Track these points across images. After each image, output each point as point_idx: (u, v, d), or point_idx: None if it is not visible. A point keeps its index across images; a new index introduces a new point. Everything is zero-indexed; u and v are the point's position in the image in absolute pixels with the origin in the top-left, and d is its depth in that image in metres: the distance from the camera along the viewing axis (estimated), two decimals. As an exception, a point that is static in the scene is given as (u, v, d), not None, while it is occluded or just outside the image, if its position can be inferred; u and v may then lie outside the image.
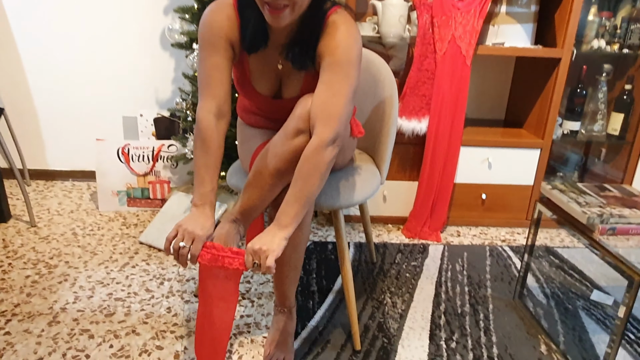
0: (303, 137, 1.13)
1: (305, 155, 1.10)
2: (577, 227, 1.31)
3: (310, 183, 1.12)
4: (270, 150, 1.17)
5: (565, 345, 1.42)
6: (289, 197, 1.11)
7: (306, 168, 1.10)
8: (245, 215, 1.21)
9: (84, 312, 1.50)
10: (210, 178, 1.16)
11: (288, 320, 1.35)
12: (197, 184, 1.17)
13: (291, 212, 1.11)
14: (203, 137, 1.17)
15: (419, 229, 2.07)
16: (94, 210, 2.20)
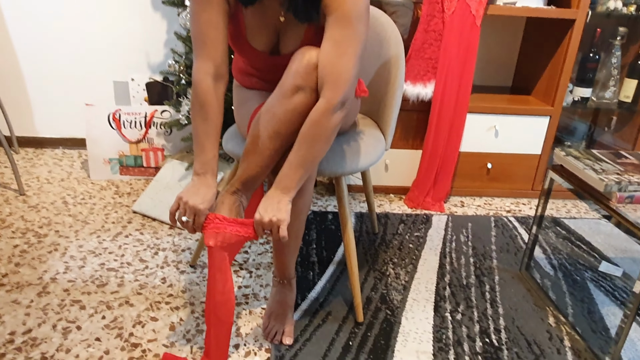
0: (302, 95, 1.05)
1: (312, 119, 1.04)
2: (593, 195, 1.24)
3: (316, 148, 1.06)
4: (268, 112, 1.08)
5: (574, 317, 1.38)
6: (292, 160, 1.06)
7: (312, 132, 1.04)
8: (247, 185, 1.13)
9: (75, 282, 1.44)
10: (211, 145, 1.10)
11: (287, 291, 1.29)
12: (198, 152, 1.11)
13: (295, 176, 1.06)
14: (201, 102, 1.10)
15: (422, 199, 2.01)
16: (85, 179, 2.12)
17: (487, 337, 1.29)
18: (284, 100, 1.06)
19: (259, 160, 1.11)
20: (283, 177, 1.06)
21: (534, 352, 1.25)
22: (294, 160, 1.05)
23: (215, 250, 1.06)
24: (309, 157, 1.06)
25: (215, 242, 1.05)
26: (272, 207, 1.04)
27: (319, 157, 1.08)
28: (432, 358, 1.21)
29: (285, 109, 1.06)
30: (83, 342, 1.22)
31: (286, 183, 1.06)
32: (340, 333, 1.27)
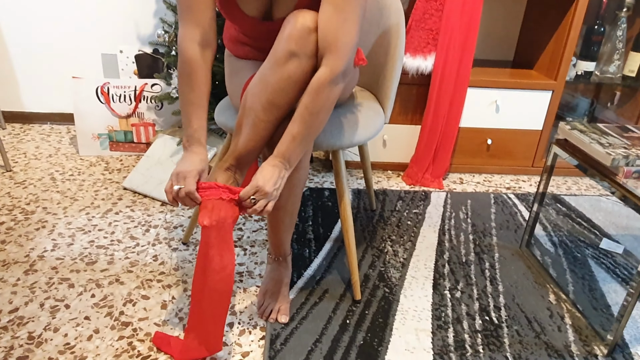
0: (296, 62, 0.99)
1: (314, 89, 0.98)
2: (599, 170, 1.20)
3: (319, 120, 1.01)
4: (260, 81, 1.02)
5: (575, 295, 1.36)
6: (294, 132, 1.00)
7: (314, 103, 0.99)
8: (241, 160, 1.07)
9: (63, 260, 1.39)
10: (198, 116, 1.06)
11: (283, 269, 1.25)
12: (185, 124, 1.06)
13: (297, 148, 1.02)
14: (188, 70, 1.04)
15: (421, 175, 1.97)
16: (74, 155, 2.05)
17: (487, 314, 1.26)
18: (277, 68, 1.00)
19: (253, 133, 1.05)
20: (284, 149, 1.01)
21: (535, 329, 1.22)
22: (295, 132, 1.00)
23: (210, 230, 1.01)
24: (311, 130, 1.01)
25: (210, 221, 1.00)
26: (275, 178, 1.01)
27: (319, 130, 1.03)
28: (431, 336, 1.18)
29: (279, 77, 1.00)
30: (72, 321, 1.18)
31: (287, 155, 1.01)
32: (337, 311, 1.24)
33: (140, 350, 1.10)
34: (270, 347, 1.12)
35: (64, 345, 1.11)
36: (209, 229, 1.00)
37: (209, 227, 1.00)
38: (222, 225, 1.01)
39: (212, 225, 1.00)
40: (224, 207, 1.01)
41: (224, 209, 1.01)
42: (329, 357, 1.10)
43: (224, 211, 1.01)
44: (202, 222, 1.00)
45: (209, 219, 1.00)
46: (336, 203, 1.77)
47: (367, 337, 1.16)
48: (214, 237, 1.01)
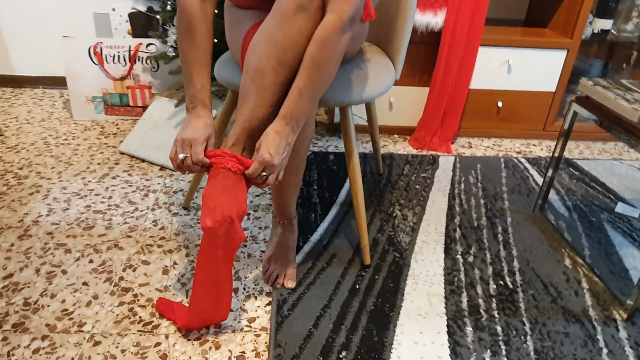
0: (304, 15, 0.90)
1: (320, 39, 0.89)
2: (623, 127, 1.13)
3: (327, 73, 0.92)
4: (267, 39, 0.92)
5: (591, 259, 1.31)
6: (301, 87, 0.91)
7: (322, 54, 0.90)
8: (251, 133, 0.95)
9: (59, 225, 1.34)
10: (200, 74, 0.98)
11: (288, 232, 1.20)
12: (186, 84, 0.98)
13: (305, 106, 0.93)
14: (187, 24, 0.96)
15: (428, 139, 1.90)
16: (67, 119, 1.97)
17: (501, 279, 1.22)
18: (284, 24, 0.91)
19: (263, 99, 0.94)
20: (290, 107, 0.92)
21: (551, 294, 1.18)
22: (302, 87, 0.91)
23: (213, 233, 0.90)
24: (318, 84, 0.92)
25: (214, 221, 0.89)
26: (283, 146, 0.92)
27: (327, 84, 0.95)
28: (444, 301, 1.13)
29: (289, 33, 0.91)
30: (69, 287, 1.13)
31: (295, 114, 0.92)
32: (346, 276, 1.19)
33: (142, 317, 1.06)
34: (277, 313, 1.07)
35: (61, 312, 1.06)
36: (212, 231, 0.90)
37: (213, 230, 0.90)
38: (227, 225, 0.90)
39: (216, 227, 0.90)
40: (229, 195, 0.91)
41: (229, 200, 0.91)
42: (339, 323, 1.05)
43: (229, 204, 0.90)
44: (204, 224, 0.89)
45: (212, 219, 0.89)
46: (342, 167, 1.70)
47: (377, 303, 1.12)
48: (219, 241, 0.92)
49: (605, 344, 1.05)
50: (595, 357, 1.01)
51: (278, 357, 0.96)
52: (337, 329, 1.04)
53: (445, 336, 1.04)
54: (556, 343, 1.04)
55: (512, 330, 1.07)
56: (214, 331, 1.03)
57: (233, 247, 0.94)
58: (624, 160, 1.90)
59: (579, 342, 1.05)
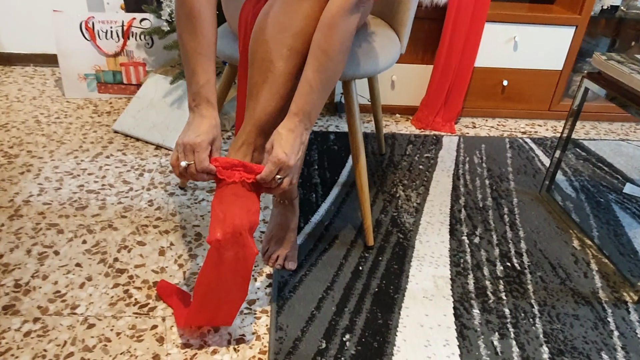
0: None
1: (327, 23, 0.82)
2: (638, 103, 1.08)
3: (337, 61, 0.85)
4: (273, 24, 0.85)
5: (600, 240, 1.27)
6: (308, 81, 0.84)
7: (330, 40, 0.83)
8: (262, 130, 0.88)
9: (51, 205, 1.29)
10: (204, 67, 0.87)
11: (289, 213, 1.15)
12: (189, 79, 0.88)
13: (318, 100, 0.85)
14: (188, 11, 0.86)
15: (431, 119, 1.85)
16: (59, 97, 1.91)
17: (508, 260, 1.18)
18: (290, 7, 0.85)
19: (274, 91, 0.87)
20: (302, 103, 0.84)
21: (560, 275, 1.15)
22: (312, 80, 0.84)
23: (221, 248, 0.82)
24: (329, 74, 0.85)
25: (224, 233, 0.82)
26: (297, 145, 0.84)
27: (338, 73, 0.87)
28: (450, 283, 1.10)
29: (296, 16, 0.84)
30: (62, 268, 1.08)
31: (307, 110, 0.84)
32: (348, 258, 1.15)
33: (138, 299, 1.02)
34: (278, 295, 1.03)
35: (53, 293, 1.02)
36: (220, 244, 0.83)
37: (221, 243, 0.82)
38: (237, 237, 0.83)
39: (226, 240, 0.82)
40: (239, 205, 0.84)
41: (240, 211, 0.84)
42: (342, 305, 1.02)
43: (240, 215, 0.83)
44: (213, 236, 0.82)
45: (222, 231, 0.82)
46: (343, 147, 1.65)
47: (381, 285, 1.08)
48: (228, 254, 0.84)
49: (617, 327, 1.02)
50: (606, 339, 0.99)
51: (279, 340, 0.93)
52: (341, 312, 1.00)
53: (452, 319, 1.01)
54: (566, 325, 1.01)
55: (521, 313, 1.03)
56: (212, 314, 0.99)
57: (246, 264, 0.86)
58: (631, 141, 1.86)
59: (589, 325, 1.02)
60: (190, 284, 1.06)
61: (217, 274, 0.85)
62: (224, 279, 0.86)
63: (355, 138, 1.11)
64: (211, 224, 0.84)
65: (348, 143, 1.68)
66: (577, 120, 1.32)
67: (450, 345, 0.95)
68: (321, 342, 0.93)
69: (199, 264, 1.12)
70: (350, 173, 1.50)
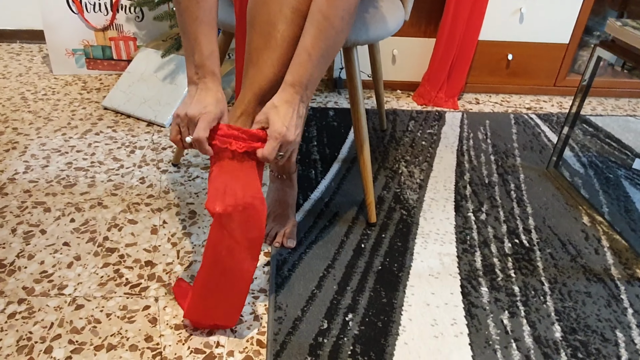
0: None
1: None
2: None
3: (339, 28, 0.78)
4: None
5: (611, 216, 1.23)
6: (306, 48, 0.77)
7: (332, 4, 0.75)
8: (264, 98, 0.81)
9: (37, 183, 1.23)
10: (208, 37, 0.78)
11: (288, 188, 1.10)
12: (189, 50, 0.79)
13: (314, 71, 0.78)
14: None
15: (434, 94, 1.78)
16: (47, 74, 1.83)
17: (517, 237, 1.14)
18: None
19: (277, 58, 0.80)
20: (299, 72, 0.78)
21: (570, 252, 1.10)
22: (311, 48, 0.77)
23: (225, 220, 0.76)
24: (329, 42, 0.78)
25: (225, 205, 0.76)
26: (294, 119, 0.78)
27: (341, 41, 0.80)
28: (456, 260, 1.05)
29: None
30: (49, 248, 1.03)
31: (304, 81, 0.78)
32: (350, 235, 1.10)
33: (129, 278, 0.97)
34: (276, 274, 0.98)
35: (40, 274, 0.96)
36: (222, 217, 0.77)
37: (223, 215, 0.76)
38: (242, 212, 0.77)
39: (228, 212, 0.76)
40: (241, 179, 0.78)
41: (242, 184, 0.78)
42: (344, 284, 0.97)
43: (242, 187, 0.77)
44: (212, 209, 0.76)
45: (222, 203, 0.76)
46: (343, 123, 1.59)
47: (385, 263, 1.03)
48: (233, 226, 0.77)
49: (630, 304, 0.98)
50: (620, 317, 0.94)
51: (279, 320, 0.88)
52: (342, 290, 0.96)
53: (459, 297, 0.96)
54: (578, 303, 0.97)
55: (531, 290, 0.99)
56: (208, 293, 0.94)
57: (255, 238, 0.79)
58: (638, 117, 1.80)
59: (602, 302, 0.97)
60: (184, 263, 1.01)
61: (220, 251, 0.79)
62: (226, 255, 0.79)
63: (357, 109, 1.05)
64: (209, 197, 0.77)
65: (348, 119, 1.62)
66: (588, 92, 1.26)
67: (458, 324, 0.90)
68: (322, 322, 0.89)
69: (193, 242, 1.07)
70: (351, 149, 1.44)
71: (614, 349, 0.88)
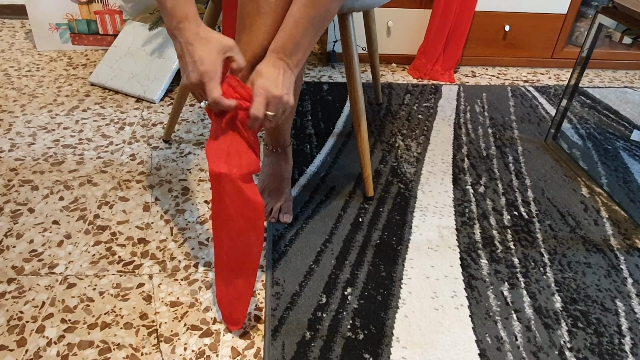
0: None
1: None
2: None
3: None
4: None
5: (609, 187, 1.22)
6: (294, 15, 0.74)
7: None
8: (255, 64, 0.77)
9: (23, 161, 1.19)
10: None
11: (283, 162, 1.07)
12: (161, 2, 0.72)
13: (302, 38, 0.75)
14: None
15: (430, 67, 1.75)
16: (30, 50, 1.77)
17: (516, 209, 1.12)
18: None
19: (271, 24, 0.77)
20: (284, 39, 0.75)
21: (569, 223, 1.09)
22: (298, 15, 0.74)
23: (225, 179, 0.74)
24: (320, 9, 0.75)
25: (230, 167, 0.73)
26: (280, 79, 0.75)
27: (331, 10, 0.76)
28: (455, 233, 1.04)
29: None
30: (37, 226, 1.00)
31: (289, 48, 0.75)
32: (347, 209, 1.08)
33: (122, 256, 0.94)
34: (273, 249, 0.96)
35: (29, 253, 0.94)
36: (220, 178, 0.74)
37: (224, 176, 0.74)
38: (245, 170, 0.75)
39: (233, 173, 0.74)
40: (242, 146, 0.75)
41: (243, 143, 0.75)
42: (342, 258, 0.95)
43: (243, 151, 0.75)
44: (216, 170, 0.73)
45: (226, 163, 0.74)
46: (337, 97, 1.56)
47: (383, 236, 1.01)
48: (230, 186, 0.75)
49: (630, 274, 0.97)
50: (620, 287, 0.94)
51: (276, 296, 0.87)
52: (341, 265, 0.94)
53: (459, 269, 0.95)
54: (578, 274, 0.96)
55: (530, 262, 0.98)
56: (202, 270, 0.92)
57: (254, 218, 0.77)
58: (636, 88, 1.78)
59: (601, 273, 0.97)
60: (178, 240, 0.99)
61: (221, 208, 0.77)
62: (230, 215, 0.77)
63: (353, 79, 1.02)
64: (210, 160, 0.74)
65: (342, 93, 1.59)
66: (588, 62, 1.23)
67: (459, 297, 0.89)
68: (321, 296, 0.87)
69: (187, 219, 1.04)
70: (346, 123, 1.41)
71: (614, 318, 0.87)
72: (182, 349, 0.78)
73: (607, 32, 2.03)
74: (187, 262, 0.93)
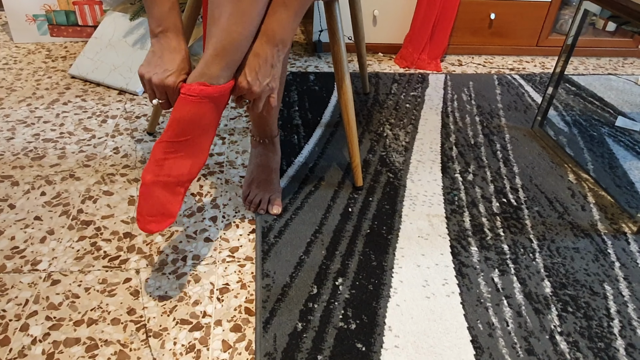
0: None
1: None
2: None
3: None
4: None
5: (596, 173, 1.23)
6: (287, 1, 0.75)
7: None
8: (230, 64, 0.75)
9: (2, 156, 1.15)
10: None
11: (270, 153, 1.05)
12: (149, 3, 0.75)
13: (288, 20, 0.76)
14: None
15: (416, 56, 1.74)
16: (7, 42, 1.72)
17: (504, 196, 1.12)
18: None
19: (241, 13, 0.73)
20: (276, 26, 0.75)
21: (557, 209, 1.10)
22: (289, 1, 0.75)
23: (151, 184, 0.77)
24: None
25: (156, 176, 0.76)
26: (265, 70, 0.77)
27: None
28: (445, 221, 1.04)
29: None
30: (19, 222, 0.97)
31: (281, 34, 0.76)
32: (336, 199, 1.07)
33: (107, 251, 0.92)
34: (262, 241, 0.95)
35: (11, 250, 0.91)
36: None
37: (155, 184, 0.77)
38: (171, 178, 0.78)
39: (159, 181, 0.77)
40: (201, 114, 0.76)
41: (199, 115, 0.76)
42: (332, 249, 0.95)
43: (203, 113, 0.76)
44: (145, 178, 0.77)
45: (151, 173, 0.77)
46: (324, 87, 1.54)
47: (373, 226, 1.01)
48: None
49: (617, 258, 0.98)
50: (608, 271, 0.95)
51: (267, 288, 0.85)
52: (331, 255, 0.93)
53: (449, 257, 0.95)
54: (566, 259, 0.97)
55: (520, 248, 0.98)
56: (191, 263, 0.90)
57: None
58: (620, 75, 1.80)
59: (589, 257, 0.98)
60: (165, 233, 0.97)
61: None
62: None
63: (340, 67, 1.00)
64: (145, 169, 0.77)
65: (329, 83, 1.57)
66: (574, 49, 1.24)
67: (450, 284, 0.89)
68: (312, 287, 0.86)
69: (173, 212, 1.02)
70: (334, 113, 1.40)
71: (603, 301, 0.88)
72: (172, 343, 0.77)
73: (590, 19, 2.05)
74: (174, 256, 0.92)
